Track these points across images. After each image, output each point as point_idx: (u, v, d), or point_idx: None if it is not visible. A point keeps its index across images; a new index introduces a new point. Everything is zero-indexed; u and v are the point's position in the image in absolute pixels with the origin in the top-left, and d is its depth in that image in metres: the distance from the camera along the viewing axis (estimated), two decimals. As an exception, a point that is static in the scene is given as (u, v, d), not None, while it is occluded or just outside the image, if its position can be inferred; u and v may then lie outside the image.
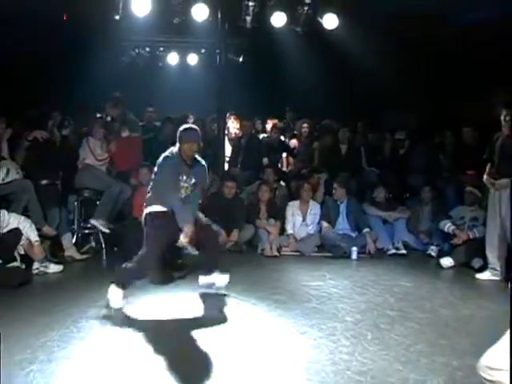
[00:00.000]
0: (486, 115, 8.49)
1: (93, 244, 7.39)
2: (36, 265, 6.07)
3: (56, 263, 6.29)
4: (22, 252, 6.08)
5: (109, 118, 8.09)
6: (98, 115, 8.14)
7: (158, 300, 5.27)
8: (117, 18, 8.92)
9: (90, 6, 8.76)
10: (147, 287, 5.66)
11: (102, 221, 7.09)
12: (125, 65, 11.44)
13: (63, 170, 7.39)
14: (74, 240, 7.12)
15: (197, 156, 5.34)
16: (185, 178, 5.16)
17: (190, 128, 5.29)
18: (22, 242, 5.99)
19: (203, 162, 5.40)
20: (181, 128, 5.22)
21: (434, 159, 8.86)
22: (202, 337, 4.30)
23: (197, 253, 7.02)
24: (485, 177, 6.34)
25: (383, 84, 9.62)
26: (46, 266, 6.12)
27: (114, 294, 4.97)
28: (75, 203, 7.40)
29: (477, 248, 6.76)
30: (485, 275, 6.31)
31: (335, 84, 10.47)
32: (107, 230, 7.14)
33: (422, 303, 5.32)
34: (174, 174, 5.10)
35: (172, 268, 6.36)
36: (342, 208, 7.78)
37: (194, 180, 5.21)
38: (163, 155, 5.18)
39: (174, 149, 5.18)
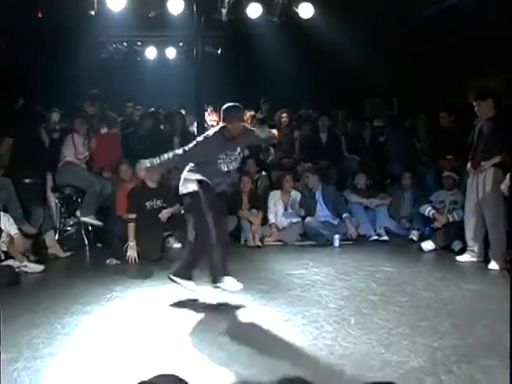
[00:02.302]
0: (464, 100, 8.62)
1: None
2: (16, 264, 6.02)
3: (37, 262, 6.26)
4: (4, 248, 6.05)
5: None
6: None
7: (144, 294, 5.30)
8: (92, 13, 8.88)
9: (65, 2, 8.72)
10: (132, 282, 5.70)
11: (91, 215, 7.11)
12: (103, 60, 11.39)
13: (51, 170, 7.36)
14: (56, 238, 7.10)
15: (246, 125, 5.29)
16: (228, 152, 4.96)
17: (237, 107, 5.00)
18: (2, 239, 5.97)
19: (251, 128, 5.31)
20: (226, 106, 4.97)
21: (411, 145, 8.94)
22: (187, 328, 4.34)
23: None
24: (468, 166, 6.40)
25: (362, 72, 9.67)
26: (25, 266, 6.08)
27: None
28: (56, 201, 7.38)
29: (457, 231, 6.85)
30: (464, 257, 6.41)
31: (313, 73, 10.50)
32: (100, 223, 7.15)
33: (403, 287, 5.39)
34: (206, 154, 4.92)
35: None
36: (318, 195, 7.83)
37: (238, 149, 5.04)
38: (204, 134, 5.03)
39: (216, 128, 5.05)
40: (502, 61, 8.14)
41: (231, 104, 5.01)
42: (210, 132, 5.05)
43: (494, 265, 6.03)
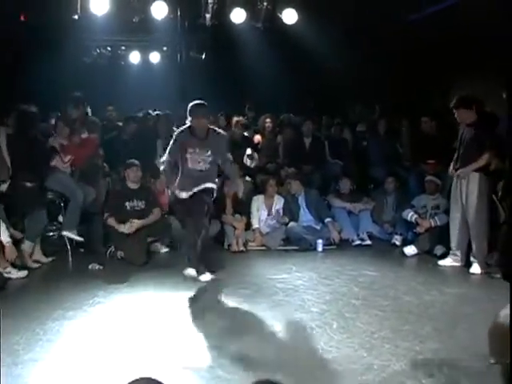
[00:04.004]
0: (446, 104, 8.72)
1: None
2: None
3: (20, 269, 6.14)
4: None
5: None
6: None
7: (126, 299, 5.28)
8: (75, 17, 8.85)
9: (48, 5, 8.69)
10: (115, 287, 5.67)
11: (74, 231, 7.06)
12: (86, 64, 11.35)
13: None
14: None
15: (215, 128, 5.62)
16: (197, 150, 5.39)
17: (199, 103, 5.48)
18: None
19: (222, 133, 5.65)
20: (191, 103, 5.48)
21: (393, 150, 9.01)
22: (169, 333, 4.34)
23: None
24: (450, 168, 6.46)
25: (345, 77, 9.74)
26: (9, 272, 5.99)
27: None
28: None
29: (439, 235, 6.92)
30: (446, 261, 6.46)
31: (297, 78, 10.55)
32: (81, 239, 7.11)
33: (385, 291, 5.43)
34: (178, 150, 5.51)
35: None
36: (301, 200, 7.83)
37: (209, 152, 5.37)
38: (175, 132, 5.62)
39: (186, 124, 5.55)
40: (484, 63, 8.25)
41: (195, 102, 5.50)
42: (180, 129, 5.62)
43: (475, 269, 6.09)
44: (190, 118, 5.48)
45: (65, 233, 7.07)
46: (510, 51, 5.99)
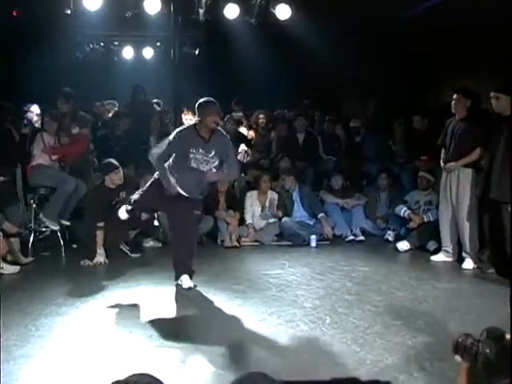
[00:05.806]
0: (436, 102, 8.75)
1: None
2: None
3: (12, 264, 6.14)
4: None
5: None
6: None
7: (119, 296, 5.26)
8: (68, 12, 8.81)
9: (40, 0, 8.65)
10: (108, 283, 5.66)
11: (51, 218, 6.98)
12: (79, 60, 11.30)
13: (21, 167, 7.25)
14: (31, 239, 6.99)
15: (219, 129, 5.32)
16: (201, 150, 5.09)
17: (211, 101, 5.16)
18: None
19: (226, 134, 5.37)
20: (200, 101, 5.14)
21: (387, 146, 9.03)
22: (162, 329, 4.33)
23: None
24: (442, 163, 6.48)
25: (339, 73, 9.73)
26: (1, 268, 5.96)
27: None
28: (31, 201, 7.27)
29: (432, 231, 6.94)
30: (439, 257, 6.49)
31: (290, 74, 10.55)
32: (57, 228, 7.01)
33: (378, 286, 5.45)
34: (178, 147, 5.11)
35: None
36: (295, 196, 7.85)
37: (213, 152, 5.12)
38: (177, 129, 5.26)
39: (191, 123, 5.30)
40: (477, 63, 8.27)
41: (205, 99, 5.18)
42: (183, 127, 5.33)
43: (467, 264, 6.12)
44: (200, 117, 5.08)
45: (44, 218, 6.98)
46: (504, 51, 6.03)
